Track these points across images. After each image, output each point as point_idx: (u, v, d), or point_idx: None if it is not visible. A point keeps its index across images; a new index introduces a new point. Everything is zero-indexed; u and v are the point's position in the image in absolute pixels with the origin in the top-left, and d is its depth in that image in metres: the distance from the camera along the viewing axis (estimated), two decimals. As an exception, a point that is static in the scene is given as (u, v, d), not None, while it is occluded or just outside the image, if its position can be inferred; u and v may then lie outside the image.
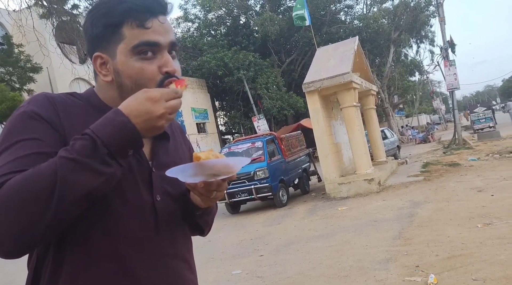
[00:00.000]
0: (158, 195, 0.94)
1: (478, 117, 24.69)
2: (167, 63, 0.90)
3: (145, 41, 0.88)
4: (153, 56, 0.90)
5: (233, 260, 5.74)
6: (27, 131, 0.83)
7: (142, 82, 0.89)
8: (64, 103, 0.90)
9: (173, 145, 1.05)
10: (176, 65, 0.94)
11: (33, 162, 0.78)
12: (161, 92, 0.81)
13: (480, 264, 3.78)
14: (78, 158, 0.75)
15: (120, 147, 0.79)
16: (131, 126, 0.78)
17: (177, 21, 29.32)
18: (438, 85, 51.31)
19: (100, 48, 0.92)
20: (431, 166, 11.43)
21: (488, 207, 5.86)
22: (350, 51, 10.47)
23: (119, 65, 0.90)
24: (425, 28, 29.02)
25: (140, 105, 0.80)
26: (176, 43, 0.95)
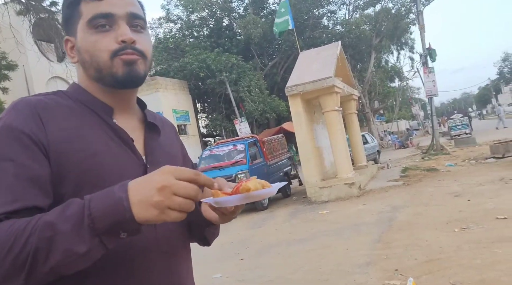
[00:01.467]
0: None
1: (455, 124, 25.32)
2: (123, 32, 0.86)
3: (98, 13, 0.86)
4: (109, 29, 0.87)
5: (213, 263, 5.67)
6: (6, 152, 0.77)
7: (97, 53, 0.86)
8: (47, 108, 0.85)
9: (165, 142, 1.02)
10: (141, 38, 0.90)
11: (11, 191, 0.74)
12: (176, 168, 0.72)
13: (457, 268, 3.84)
14: (59, 229, 0.68)
15: (108, 225, 0.69)
16: (126, 205, 0.69)
17: (159, 22, 29.07)
18: (417, 92, 52.53)
19: (69, 31, 0.91)
20: (410, 171, 11.62)
21: (464, 211, 5.98)
22: (332, 56, 10.56)
23: (79, 42, 0.89)
24: (405, 35, 29.68)
25: (145, 177, 0.72)
26: (139, 15, 0.91)
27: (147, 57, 0.91)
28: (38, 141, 0.80)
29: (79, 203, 0.71)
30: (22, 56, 13.74)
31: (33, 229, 0.68)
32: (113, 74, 0.87)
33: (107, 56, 0.86)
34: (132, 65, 0.88)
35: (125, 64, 0.87)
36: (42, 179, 0.78)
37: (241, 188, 0.79)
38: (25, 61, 16.51)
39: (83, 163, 0.82)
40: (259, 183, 0.81)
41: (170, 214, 0.70)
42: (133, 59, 0.87)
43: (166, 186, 0.69)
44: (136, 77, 0.89)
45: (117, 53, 0.86)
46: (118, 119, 0.93)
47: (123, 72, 0.87)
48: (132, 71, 0.88)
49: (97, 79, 0.90)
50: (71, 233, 0.68)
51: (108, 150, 0.86)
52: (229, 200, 0.80)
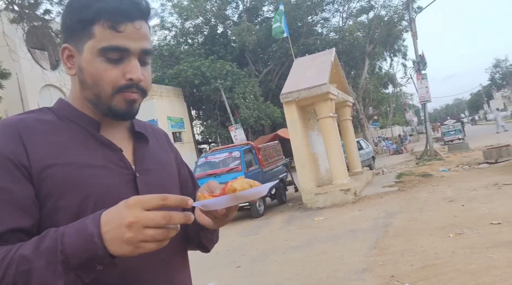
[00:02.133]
0: None
1: (448, 129, 25.51)
2: (133, 70, 0.85)
3: (114, 46, 0.84)
4: (120, 61, 0.85)
5: (209, 271, 5.64)
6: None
7: (101, 83, 0.85)
8: (29, 127, 0.84)
9: (155, 149, 1.01)
10: (146, 73, 0.89)
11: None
12: (140, 198, 0.69)
13: (453, 274, 3.85)
14: (34, 264, 0.68)
15: (82, 262, 0.68)
16: (98, 242, 0.68)
17: (153, 29, 29.04)
18: (410, 98, 52.88)
19: (70, 41, 0.88)
20: (404, 177, 11.67)
21: (459, 217, 6.01)
22: (327, 63, 10.63)
23: (83, 62, 0.86)
24: (398, 42, 29.98)
25: (115, 210, 0.70)
26: (150, 51, 0.90)
27: (146, 94, 0.92)
28: (19, 163, 0.79)
29: (52, 237, 0.70)
30: (15, 64, 13.67)
31: (11, 262, 0.69)
32: (111, 107, 0.87)
33: (111, 90, 0.85)
34: (132, 104, 0.88)
35: (126, 102, 0.87)
36: (24, 201, 0.77)
37: (227, 189, 0.77)
38: (18, 69, 16.43)
39: (69, 178, 0.81)
40: (246, 183, 0.78)
41: (145, 246, 0.68)
42: (135, 99, 0.88)
43: (134, 222, 0.67)
44: (133, 114, 0.90)
45: (121, 89, 0.86)
46: (105, 131, 0.92)
47: (122, 108, 0.87)
48: (131, 108, 0.88)
49: (92, 103, 0.89)
50: (46, 269, 0.67)
51: (94, 163, 0.85)
52: (215, 202, 0.78)
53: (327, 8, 28.49)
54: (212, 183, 0.90)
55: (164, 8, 28.56)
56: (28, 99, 18.65)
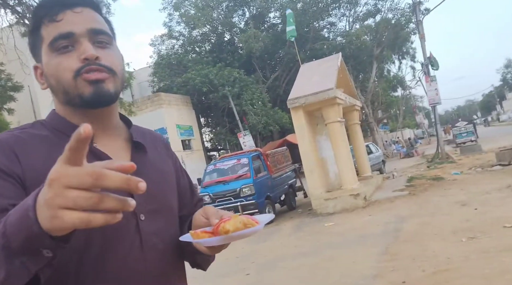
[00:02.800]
0: (142, 214, 0.85)
1: (460, 131, 25.20)
2: (85, 50, 0.82)
3: (58, 35, 0.82)
4: (72, 49, 0.83)
5: (218, 279, 5.62)
6: None
7: (60, 75, 0.83)
8: (19, 142, 0.82)
9: (155, 159, 0.96)
10: (106, 53, 0.85)
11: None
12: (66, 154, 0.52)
13: (466, 279, 3.78)
14: None
15: (22, 242, 0.57)
16: (31, 215, 0.55)
17: (161, 39, 29.43)
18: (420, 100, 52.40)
19: (36, 58, 0.89)
20: (415, 181, 11.53)
21: (472, 221, 5.90)
22: (333, 67, 10.61)
23: (45, 68, 0.86)
24: (406, 44, 29.79)
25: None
26: (102, 30, 0.86)
27: (116, 73, 0.86)
28: (12, 173, 0.76)
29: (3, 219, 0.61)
30: (27, 77, 13.87)
31: None
32: (80, 94, 0.83)
33: (70, 76, 0.82)
34: (99, 84, 0.83)
35: (90, 84, 0.82)
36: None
37: (220, 229, 0.76)
38: (30, 82, 16.71)
39: None
40: (240, 222, 0.76)
41: (64, 216, 0.51)
42: (98, 78, 0.82)
43: (55, 178, 0.51)
44: (104, 96, 0.84)
45: (79, 71, 0.82)
46: (100, 142, 0.88)
47: (89, 92, 0.82)
48: (99, 90, 0.83)
49: (67, 102, 0.86)
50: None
51: None
52: (208, 241, 0.78)
53: (333, 13, 28.53)
54: (209, 209, 0.87)
55: (171, 17, 28.89)
56: (40, 110, 18.98)
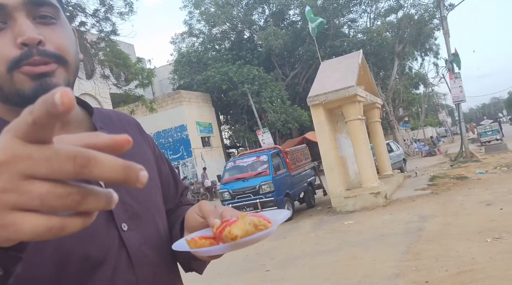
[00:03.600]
0: (124, 223, 0.70)
1: (485, 130, 24.58)
2: (21, 30, 0.61)
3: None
4: (4, 26, 0.62)
5: (239, 275, 5.67)
6: None
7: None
8: None
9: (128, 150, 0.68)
10: (51, 32, 0.64)
11: None
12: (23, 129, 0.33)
13: (491, 280, 3.70)
14: None
15: None
16: None
17: (182, 36, 29.70)
18: (443, 98, 51.27)
19: None
20: (438, 180, 11.32)
21: (497, 221, 5.76)
22: (354, 64, 10.50)
23: None
24: (430, 40, 29.18)
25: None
26: (43, 1, 0.64)
27: (68, 61, 0.66)
28: None
29: None
30: (52, 74, 14.34)
31: None
32: (18, 91, 0.63)
33: (3, 69, 0.62)
34: (44, 78, 0.63)
35: (33, 78, 0.62)
36: None
37: (224, 235, 0.59)
38: (55, 79, 17.18)
39: None
40: (250, 224, 0.60)
41: (22, 223, 0.31)
42: (43, 71, 0.62)
43: (6, 161, 0.31)
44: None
45: (18, 63, 0.61)
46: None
47: (31, 87, 0.62)
48: (44, 85, 0.62)
49: (2, 100, 0.66)
50: None
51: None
52: (210, 250, 0.62)
53: (354, 9, 28.20)
54: (205, 206, 0.71)
55: (192, 15, 29.12)
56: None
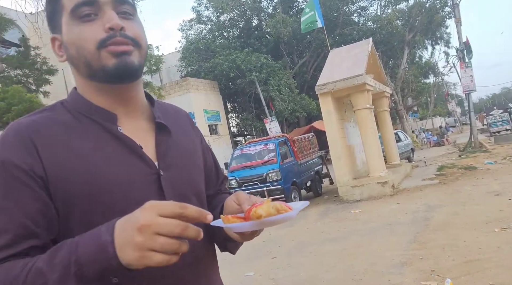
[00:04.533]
0: (172, 200, 0.83)
1: (495, 120, 24.32)
2: (109, 18, 0.78)
3: (80, 1, 0.78)
4: (95, 17, 0.79)
5: (246, 262, 5.73)
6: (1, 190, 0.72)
7: (82, 44, 0.78)
8: (40, 130, 0.77)
9: (180, 138, 0.92)
10: (131, 24, 0.81)
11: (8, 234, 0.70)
12: (156, 202, 0.64)
13: (498, 269, 3.70)
14: (48, 277, 0.64)
15: (96, 272, 0.64)
16: (111, 251, 0.63)
17: (190, 23, 29.54)
18: (453, 87, 50.65)
19: (54, 29, 0.85)
20: (446, 170, 11.25)
21: (505, 211, 5.74)
22: (364, 53, 10.39)
23: (64, 37, 0.82)
24: (441, 29, 28.68)
25: (129, 215, 0.65)
26: (125, 0, 0.82)
27: (141, 45, 0.82)
28: (34, 174, 0.73)
29: (67, 247, 0.66)
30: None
31: (27, 277, 0.65)
32: (103, 67, 0.78)
33: (93, 47, 0.78)
34: (124, 56, 0.79)
35: (115, 55, 0.78)
36: (40, 216, 0.73)
37: (252, 214, 0.72)
38: (64, 66, 17.18)
39: (87, 187, 0.75)
40: (273, 207, 0.72)
41: (152, 257, 0.61)
42: (124, 50, 0.79)
43: (145, 225, 0.61)
44: (130, 68, 0.79)
45: (105, 42, 0.78)
46: (124, 124, 0.84)
47: (113, 63, 0.78)
48: (124, 62, 0.79)
49: (89, 76, 0.82)
50: (59, 283, 0.64)
51: (114, 167, 0.78)
52: (239, 226, 0.75)
53: (364, -4, 27.75)
54: (241, 195, 0.84)
55: (200, 2, 28.91)
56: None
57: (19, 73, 16.98)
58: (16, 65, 16.53)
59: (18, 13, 16.85)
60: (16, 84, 14.18)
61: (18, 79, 16.81)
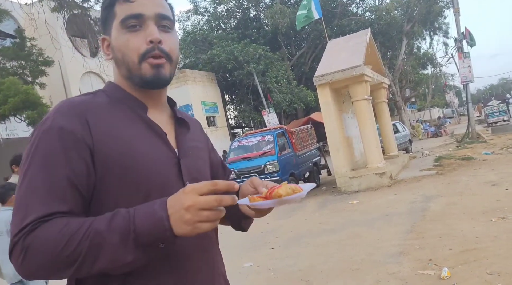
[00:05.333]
0: (188, 182, 0.96)
1: (492, 111, 24.34)
2: (151, 32, 0.93)
3: (129, 14, 0.93)
4: (139, 28, 0.94)
5: (244, 253, 5.76)
6: (55, 155, 0.84)
7: (127, 52, 0.94)
8: (90, 108, 0.91)
9: (193, 136, 1.09)
10: (167, 38, 0.96)
11: (62, 195, 0.83)
12: (194, 185, 0.80)
13: (495, 258, 3.73)
14: (108, 239, 0.78)
15: (151, 240, 0.80)
16: (167, 225, 0.79)
17: (187, 14, 29.31)
18: (451, 78, 50.55)
19: (105, 31, 1.00)
20: (443, 160, 11.29)
21: (502, 201, 5.77)
22: (362, 44, 10.34)
23: (113, 41, 0.97)
24: (439, 19, 28.52)
25: (176, 196, 0.81)
26: (166, 16, 0.97)
27: (173, 59, 0.98)
28: (84, 142, 0.86)
29: (124, 216, 0.80)
30: (57, 52, 14.19)
31: (85, 235, 0.78)
32: (141, 76, 0.94)
33: (136, 59, 0.93)
34: (159, 69, 0.94)
35: (152, 68, 0.94)
36: (84, 181, 0.86)
37: (274, 194, 0.88)
38: (60, 57, 17.07)
39: (123, 158, 0.88)
40: (289, 188, 0.88)
41: (201, 226, 0.79)
42: (159, 63, 0.94)
43: (191, 205, 0.78)
44: (162, 79, 0.96)
45: (145, 56, 0.93)
46: (151, 114, 0.99)
47: (150, 74, 0.94)
48: (158, 74, 0.95)
49: (128, 77, 0.97)
50: (119, 245, 0.78)
51: (144, 145, 0.92)
52: (263, 204, 0.90)
53: (363, -13, 27.53)
54: (256, 180, 1.01)
55: (197, -7, 28.61)
56: (70, 85, 19.44)
57: (14, 65, 16.81)
58: (12, 57, 16.35)
59: (13, 4, 16.69)
60: (12, 76, 14.04)
61: (14, 71, 16.64)
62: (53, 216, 0.81)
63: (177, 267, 0.92)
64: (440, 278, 3.53)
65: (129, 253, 0.79)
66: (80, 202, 0.86)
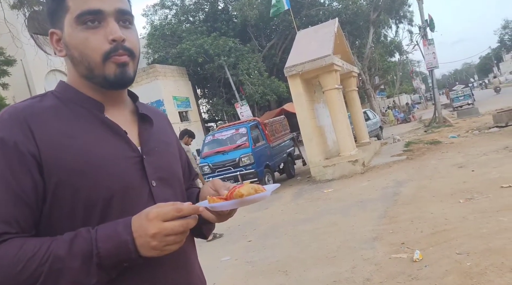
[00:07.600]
0: (153, 181, 0.92)
1: (457, 95, 25.16)
2: (112, 30, 0.86)
3: (86, 10, 0.86)
4: (98, 25, 0.87)
5: (221, 246, 5.75)
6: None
7: (86, 52, 0.87)
8: (35, 113, 0.84)
9: (159, 131, 1.02)
10: (129, 34, 0.90)
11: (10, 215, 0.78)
12: (158, 211, 0.78)
13: (464, 238, 3.87)
14: (68, 263, 0.75)
15: (114, 262, 0.79)
16: (132, 248, 0.78)
17: (154, 8, 28.66)
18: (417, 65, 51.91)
19: (54, 24, 0.91)
20: (413, 145, 11.61)
21: (469, 182, 5.99)
22: (330, 33, 10.43)
23: (67, 37, 0.89)
24: (404, 8, 29.13)
25: (139, 221, 0.79)
26: (127, 11, 0.91)
27: (136, 56, 0.92)
28: (29, 153, 0.80)
29: (86, 238, 0.78)
30: (19, 50, 13.65)
31: (43, 259, 0.75)
32: (105, 76, 0.88)
33: (99, 58, 0.87)
34: (124, 67, 0.89)
35: (117, 67, 0.88)
36: (31, 193, 0.80)
37: (235, 194, 0.84)
38: (22, 56, 16.42)
39: (77, 166, 0.82)
40: (252, 188, 0.85)
41: (168, 249, 0.79)
42: (124, 61, 0.88)
43: (157, 233, 0.77)
44: (126, 78, 0.90)
45: (109, 55, 0.87)
46: (110, 113, 0.93)
47: (115, 74, 0.88)
48: (123, 73, 0.89)
49: (87, 77, 0.90)
50: (80, 269, 0.76)
51: (101, 147, 0.86)
52: (222, 205, 0.85)
53: (329, -23, 27.69)
54: (217, 182, 0.96)
55: (163, -15, 27.99)
56: (35, 84, 18.73)
57: (-27, 66, 16.03)
58: (-30, 57, 15.58)
59: (-33, 1, 15.83)
60: (-30, 77, 13.40)
61: (-27, 72, 15.87)
62: (4, 236, 0.77)
63: (150, 276, 0.89)
64: (413, 261, 3.64)
65: (92, 276, 0.77)
66: (30, 219, 0.81)
